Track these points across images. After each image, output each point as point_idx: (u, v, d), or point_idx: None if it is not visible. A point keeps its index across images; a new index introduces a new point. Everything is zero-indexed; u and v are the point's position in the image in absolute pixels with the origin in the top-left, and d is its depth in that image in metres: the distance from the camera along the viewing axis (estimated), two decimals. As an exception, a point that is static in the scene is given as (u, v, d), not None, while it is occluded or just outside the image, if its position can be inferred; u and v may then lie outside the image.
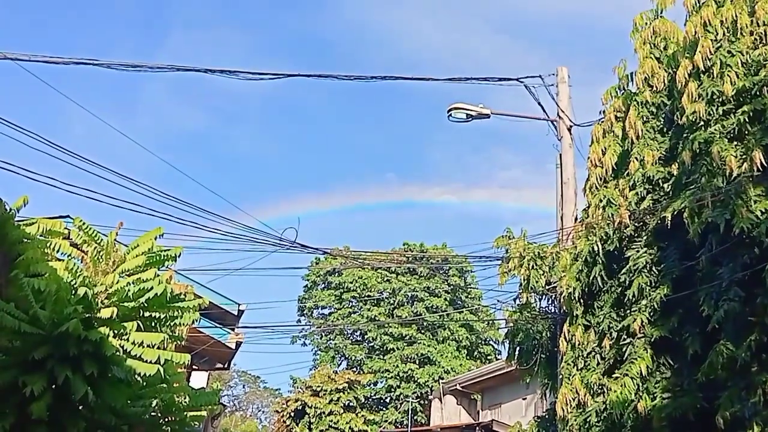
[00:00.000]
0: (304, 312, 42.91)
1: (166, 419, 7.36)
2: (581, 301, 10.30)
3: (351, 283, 40.30)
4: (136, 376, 6.66)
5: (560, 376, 10.44)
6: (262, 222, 10.08)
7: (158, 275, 7.14)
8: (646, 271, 9.18)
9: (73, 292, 6.63)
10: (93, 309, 6.68)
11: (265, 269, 11.27)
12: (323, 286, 42.72)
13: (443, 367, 36.95)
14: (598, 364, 9.74)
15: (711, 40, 9.03)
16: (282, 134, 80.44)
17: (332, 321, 40.80)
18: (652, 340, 8.89)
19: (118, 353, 6.57)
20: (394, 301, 39.68)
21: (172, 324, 7.42)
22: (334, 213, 64.28)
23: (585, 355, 9.99)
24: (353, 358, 40.28)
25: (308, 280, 42.63)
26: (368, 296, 39.86)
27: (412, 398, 36.97)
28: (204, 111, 79.39)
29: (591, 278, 10.00)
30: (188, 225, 8.79)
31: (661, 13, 10.50)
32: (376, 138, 77.71)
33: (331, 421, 34.63)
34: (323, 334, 42.22)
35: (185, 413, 7.50)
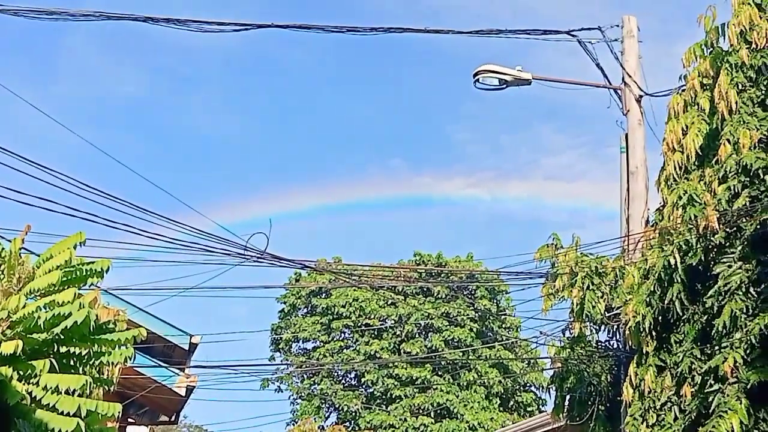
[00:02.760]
0: (280, 346, 42.95)
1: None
2: (653, 333, 10.31)
3: (343, 307, 40.31)
4: (50, 432, 6.66)
5: (624, 435, 10.44)
6: (221, 225, 10.09)
7: (79, 297, 7.13)
8: (740, 293, 9.18)
9: (-35, 319, 6.63)
10: (-9, 342, 6.69)
11: (226, 288, 11.26)
12: (305, 311, 42.75)
13: (468, 422, 36.97)
14: (676, 418, 9.76)
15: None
16: (250, 105, 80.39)
17: (317, 358, 40.84)
18: (749, 386, 8.89)
19: (24, 402, 6.56)
20: (402, 332, 39.68)
21: (98, 362, 7.40)
22: (320, 213, 64.24)
23: (658, 407, 10.01)
24: (346, 408, 40.31)
25: (285, 303, 42.67)
26: (366, 325, 39.87)
27: (426, 463, 36.96)
28: (145, 73, 79.47)
29: (667, 303, 10.02)
30: (120, 229, 8.81)
31: (763, -57, 10.50)
32: (378, 111, 77.59)
33: (316, 494, 34.72)
34: (305, 376, 42.24)
35: (116, 483, 7.50)
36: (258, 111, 75.36)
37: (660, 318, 10.21)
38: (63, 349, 7.06)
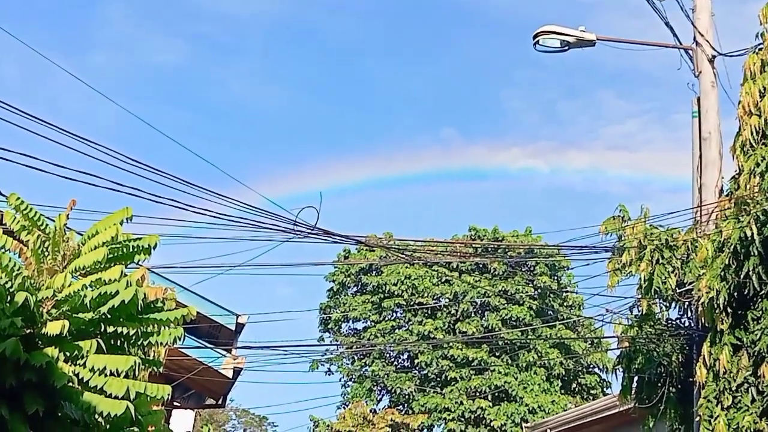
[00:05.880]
0: (329, 326, 43.23)
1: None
2: (728, 310, 10.22)
3: (394, 285, 40.43)
4: (97, 415, 6.75)
5: (698, 418, 10.42)
6: (268, 199, 10.17)
7: (126, 275, 7.23)
8: (824, 266, 9.07)
9: (9, 298, 6.74)
10: (37, 322, 6.81)
11: (274, 266, 11.35)
12: (355, 289, 42.96)
13: (527, 405, 36.96)
14: (754, 400, 9.70)
15: None
16: (294, 75, 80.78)
17: (368, 339, 41.03)
18: (833, 366, 8.80)
19: (71, 384, 6.67)
20: (457, 311, 39.72)
21: (146, 343, 7.52)
22: (370, 186, 64.51)
23: (734, 388, 9.95)
24: (399, 391, 40.52)
25: (334, 281, 42.91)
26: (419, 304, 39.96)
27: (483, 449, 37.06)
28: (185, 42, 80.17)
29: (743, 277, 9.92)
30: (166, 204, 8.92)
31: None
32: (428, 78, 77.49)
33: (369, 480, 34.98)
34: (356, 358, 42.51)
35: (165, 468, 7.63)
36: (303, 81, 75.68)
37: (735, 293, 10.11)
38: (110, 329, 7.17)
